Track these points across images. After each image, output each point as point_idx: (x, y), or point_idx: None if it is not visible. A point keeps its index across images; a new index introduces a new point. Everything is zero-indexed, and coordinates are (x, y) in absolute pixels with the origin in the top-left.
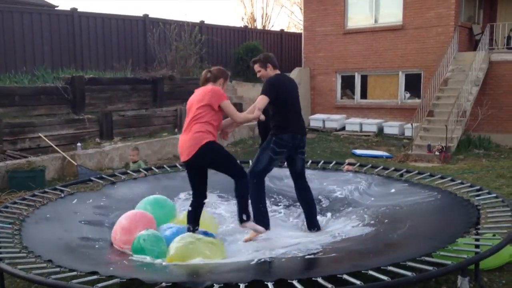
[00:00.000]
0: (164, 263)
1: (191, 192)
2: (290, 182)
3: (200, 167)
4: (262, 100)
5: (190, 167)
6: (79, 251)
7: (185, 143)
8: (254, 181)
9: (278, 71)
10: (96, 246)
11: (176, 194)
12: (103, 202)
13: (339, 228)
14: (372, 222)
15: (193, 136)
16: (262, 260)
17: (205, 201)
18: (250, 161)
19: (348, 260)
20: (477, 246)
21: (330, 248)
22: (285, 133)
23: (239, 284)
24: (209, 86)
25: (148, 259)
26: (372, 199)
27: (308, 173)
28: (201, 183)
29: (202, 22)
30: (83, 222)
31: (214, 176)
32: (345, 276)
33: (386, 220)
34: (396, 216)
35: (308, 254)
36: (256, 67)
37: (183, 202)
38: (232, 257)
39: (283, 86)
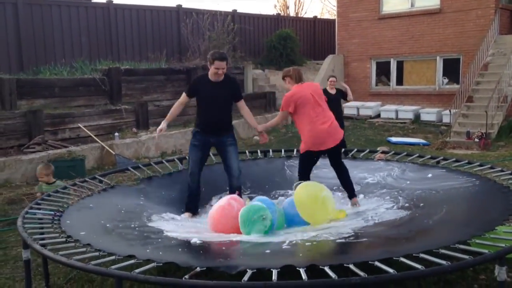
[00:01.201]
0: (198, 242)
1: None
2: (319, 173)
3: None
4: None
5: (326, 152)
6: (116, 232)
7: (334, 130)
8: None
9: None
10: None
11: (208, 201)
12: (141, 201)
13: (372, 209)
14: (407, 205)
15: (336, 124)
16: (294, 242)
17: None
18: (283, 150)
19: (380, 245)
20: None
21: (362, 233)
22: None
23: (271, 269)
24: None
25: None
26: (408, 182)
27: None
28: None
29: (234, 11)
30: (123, 211)
31: None
32: (377, 263)
33: (421, 204)
34: (431, 200)
35: (339, 238)
36: (224, 64)
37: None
38: (264, 238)
39: None
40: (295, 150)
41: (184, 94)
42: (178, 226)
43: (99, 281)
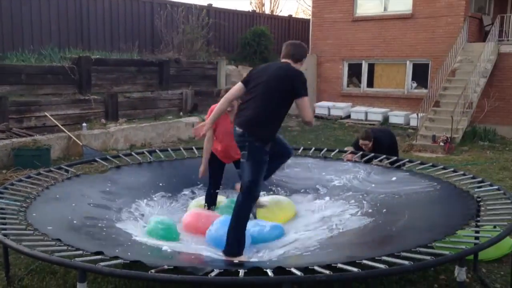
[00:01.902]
0: (169, 250)
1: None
2: (290, 172)
3: None
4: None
5: None
6: (85, 231)
7: None
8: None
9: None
10: (103, 227)
11: (179, 191)
12: (108, 188)
13: (337, 215)
14: (370, 210)
15: None
16: (261, 255)
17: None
18: None
19: (344, 253)
20: (476, 238)
21: (328, 244)
22: None
23: (238, 270)
24: None
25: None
26: (373, 185)
27: (309, 161)
28: None
29: (210, 6)
30: (91, 205)
31: None
32: (340, 265)
33: (384, 210)
34: (394, 205)
35: (306, 252)
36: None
37: (187, 202)
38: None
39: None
40: None
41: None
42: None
43: (62, 273)
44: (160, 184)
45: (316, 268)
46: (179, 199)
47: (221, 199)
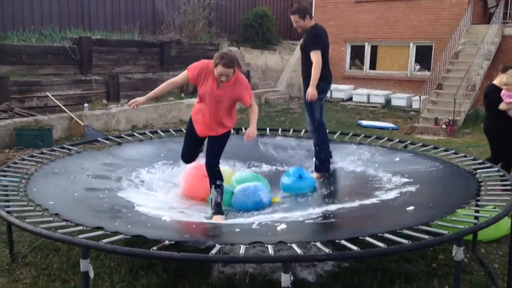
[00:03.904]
0: (168, 219)
1: None
2: (293, 152)
3: None
4: (318, 57)
5: None
6: (86, 204)
7: None
8: (322, 129)
9: (314, 22)
10: (104, 197)
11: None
12: (109, 160)
13: (339, 192)
14: (376, 185)
15: None
16: (263, 223)
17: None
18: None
19: (346, 226)
20: (476, 218)
21: (330, 214)
22: (322, 81)
23: (240, 245)
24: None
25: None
26: (376, 165)
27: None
28: None
29: None
30: (90, 176)
31: None
32: (343, 242)
33: (387, 187)
34: (398, 184)
35: (308, 219)
36: (295, 17)
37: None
38: (235, 220)
39: (324, 36)
40: (267, 129)
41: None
42: (149, 197)
43: (65, 251)
44: (162, 155)
45: (318, 244)
46: (181, 164)
47: (226, 169)
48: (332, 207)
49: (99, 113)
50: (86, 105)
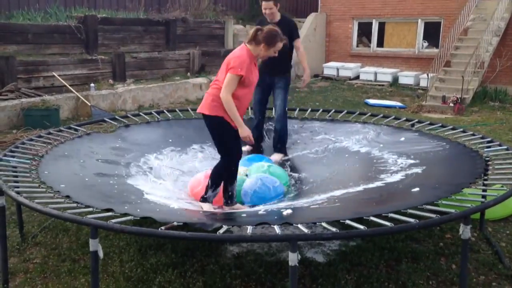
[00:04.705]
0: (176, 207)
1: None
2: (297, 136)
3: None
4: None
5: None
6: (95, 190)
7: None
8: (287, 118)
9: None
10: (114, 184)
11: (189, 145)
12: (118, 144)
13: (345, 173)
14: (381, 168)
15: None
16: (269, 209)
17: None
18: None
19: (352, 208)
20: (483, 197)
21: (335, 200)
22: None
23: (247, 226)
24: (242, 48)
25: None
26: (381, 145)
27: (316, 124)
28: None
29: None
30: (100, 161)
31: None
32: (348, 221)
33: (393, 168)
34: (403, 164)
35: (313, 204)
36: (270, 4)
37: (196, 154)
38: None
39: None
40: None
41: None
42: (157, 186)
43: (74, 231)
44: (170, 140)
45: (324, 224)
46: (188, 152)
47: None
48: (337, 193)
49: (106, 93)
50: (92, 85)
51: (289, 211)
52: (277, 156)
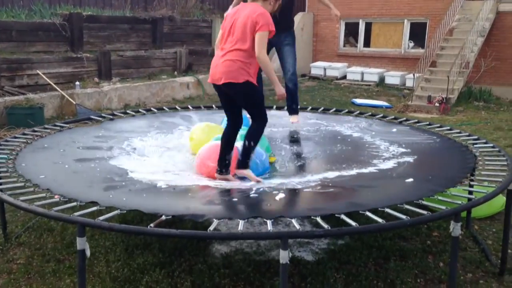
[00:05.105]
0: (164, 186)
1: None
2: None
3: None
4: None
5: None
6: (77, 176)
7: (218, 66)
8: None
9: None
10: (95, 167)
11: (175, 127)
12: (101, 133)
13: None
14: (373, 154)
15: (226, 63)
16: (261, 189)
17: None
18: None
19: (345, 198)
20: (470, 193)
21: (329, 183)
22: None
23: (238, 220)
24: (257, 5)
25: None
26: (373, 133)
27: (307, 114)
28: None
29: None
30: (81, 148)
31: None
32: (343, 217)
33: (383, 157)
34: (394, 154)
35: (306, 188)
36: None
37: (182, 133)
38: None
39: None
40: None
41: None
42: (141, 163)
43: (59, 230)
44: (155, 125)
45: (318, 219)
46: (174, 132)
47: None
48: (331, 175)
49: (91, 92)
50: (77, 83)
51: (282, 195)
52: (295, 118)
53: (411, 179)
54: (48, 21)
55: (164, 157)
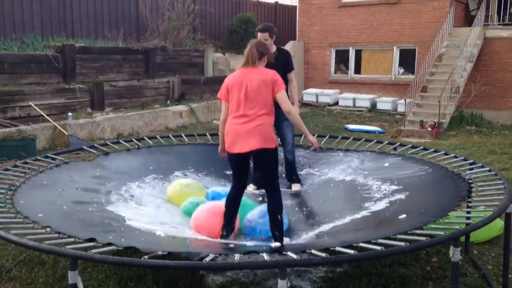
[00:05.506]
0: (162, 235)
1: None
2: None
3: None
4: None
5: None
6: (75, 217)
7: (246, 132)
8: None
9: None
10: (94, 211)
11: (171, 172)
12: (98, 172)
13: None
14: (366, 195)
15: (253, 128)
16: (258, 244)
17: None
18: None
19: (342, 236)
20: (468, 219)
21: (323, 235)
22: None
23: (234, 254)
24: (262, 67)
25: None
26: (366, 172)
27: (300, 153)
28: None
29: None
30: (79, 189)
31: None
32: (338, 248)
33: (377, 195)
34: (388, 191)
35: (302, 241)
36: (266, 35)
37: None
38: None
39: None
40: None
41: None
42: (139, 212)
43: (51, 264)
44: (151, 168)
45: (314, 251)
46: (171, 180)
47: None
48: (325, 227)
49: (84, 122)
50: (70, 114)
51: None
52: (297, 186)
53: (404, 215)
54: (40, 53)
55: (161, 208)
